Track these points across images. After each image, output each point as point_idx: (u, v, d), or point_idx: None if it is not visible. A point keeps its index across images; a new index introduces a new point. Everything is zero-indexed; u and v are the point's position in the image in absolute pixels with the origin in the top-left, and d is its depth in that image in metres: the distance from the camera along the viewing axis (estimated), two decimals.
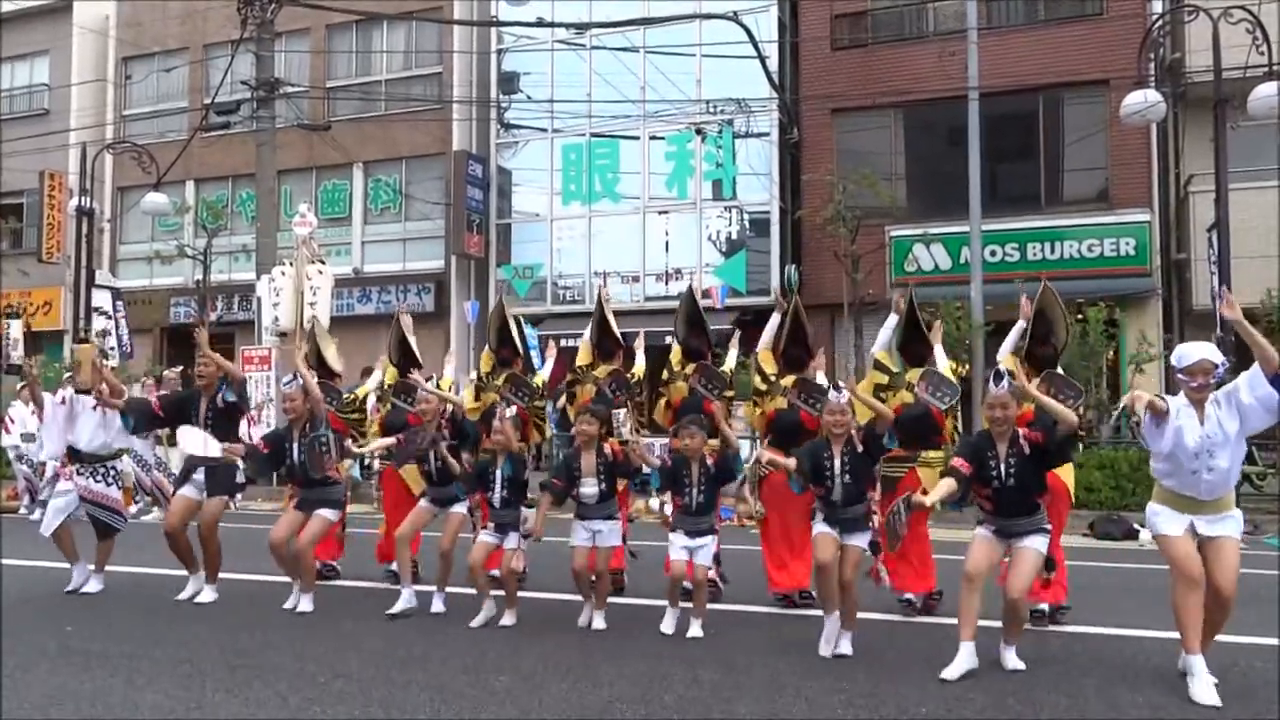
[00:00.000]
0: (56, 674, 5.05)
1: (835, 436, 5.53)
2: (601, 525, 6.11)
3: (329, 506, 6.80)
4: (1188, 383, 4.78)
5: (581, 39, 20.52)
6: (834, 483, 5.48)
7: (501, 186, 21.69)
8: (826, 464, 5.51)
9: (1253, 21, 12.58)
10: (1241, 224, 14.83)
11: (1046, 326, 6.46)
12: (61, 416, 7.53)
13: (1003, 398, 5.15)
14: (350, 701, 4.56)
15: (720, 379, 7.14)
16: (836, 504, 5.49)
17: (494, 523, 6.22)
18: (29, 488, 13.46)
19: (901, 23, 19.77)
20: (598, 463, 6.07)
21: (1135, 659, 5.30)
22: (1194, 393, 4.79)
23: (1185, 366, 4.78)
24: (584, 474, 6.07)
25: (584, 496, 6.08)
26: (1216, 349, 4.88)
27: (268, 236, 17.31)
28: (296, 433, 6.80)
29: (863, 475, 5.53)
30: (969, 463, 5.13)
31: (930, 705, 4.51)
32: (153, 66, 24.86)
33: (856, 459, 5.49)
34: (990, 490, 5.13)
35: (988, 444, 5.18)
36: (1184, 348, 4.89)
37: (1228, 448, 4.73)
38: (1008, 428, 5.14)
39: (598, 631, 5.96)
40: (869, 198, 17.40)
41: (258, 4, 16.84)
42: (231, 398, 7.20)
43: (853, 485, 5.49)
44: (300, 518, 6.76)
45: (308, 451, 6.71)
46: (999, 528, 5.15)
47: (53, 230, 23.86)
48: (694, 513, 5.98)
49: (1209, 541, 4.77)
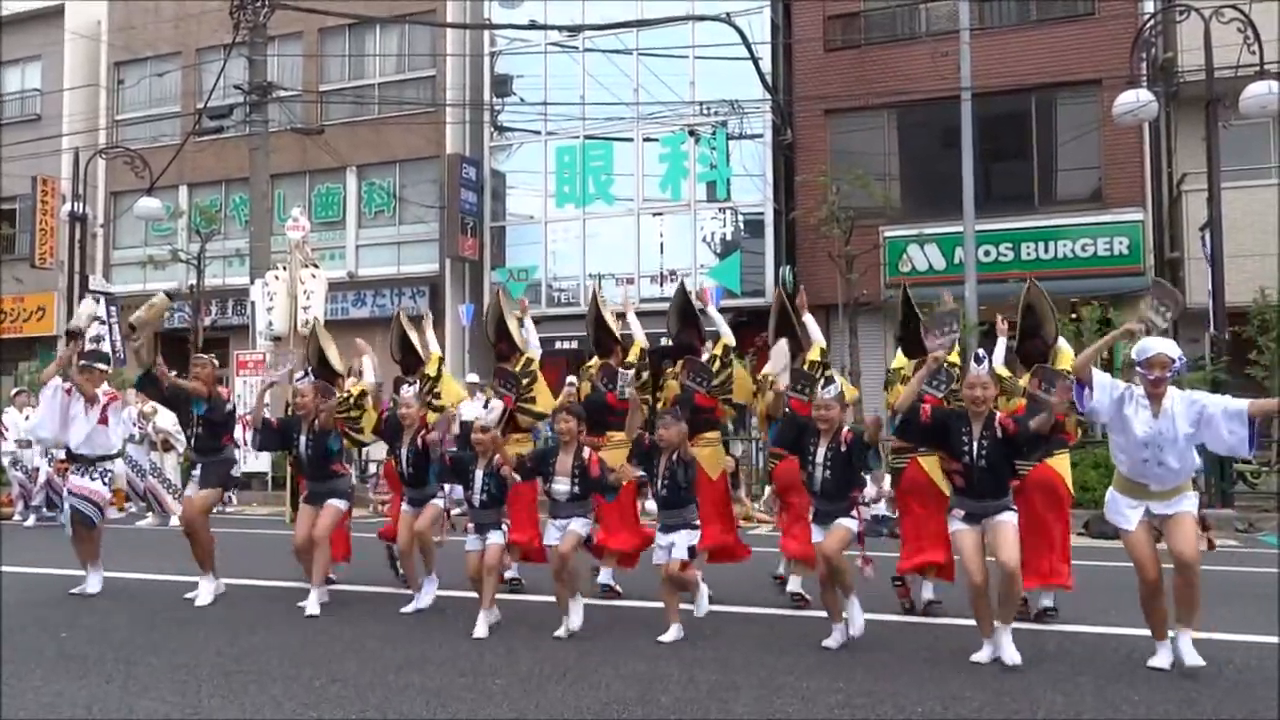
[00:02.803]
0: (52, 680, 5.03)
1: (823, 431, 5.55)
2: (573, 522, 5.99)
3: (338, 496, 6.94)
4: (1145, 375, 4.92)
5: (575, 41, 20.52)
6: (814, 470, 5.52)
7: (495, 189, 21.69)
8: (810, 448, 5.56)
9: (1244, 21, 12.63)
10: (1234, 222, 14.88)
11: (1035, 322, 6.49)
12: (60, 405, 7.49)
13: (982, 378, 5.25)
14: (347, 705, 4.55)
15: (706, 371, 7.13)
16: (816, 494, 5.56)
17: (475, 523, 6.17)
18: (23, 494, 13.43)
19: (894, 23, 19.81)
20: (574, 464, 5.99)
21: (1131, 657, 5.31)
22: (1151, 386, 4.93)
23: (1144, 359, 4.91)
24: (558, 472, 5.99)
25: (555, 493, 6.01)
26: (1175, 345, 5.02)
27: (261, 241, 17.29)
28: (305, 427, 6.86)
29: (844, 476, 5.50)
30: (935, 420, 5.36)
31: (927, 704, 4.51)
32: (145, 71, 24.82)
33: (839, 458, 5.49)
34: (961, 466, 5.24)
35: (962, 422, 5.28)
36: (1145, 341, 5.02)
37: (1177, 448, 4.88)
38: (984, 408, 5.24)
39: (594, 634, 5.92)
40: (863, 198, 17.44)
41: (250, 8, 16.80)
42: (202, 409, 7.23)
43: (832, 482, 5.49)
44: (313, 512, 6.89)
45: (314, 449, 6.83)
46: (970, 510, 5.25)
47: (46, 236, 23.82)
48: (664, 505, 5.86)
49: (1166, 519, 4.98)
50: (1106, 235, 17.57)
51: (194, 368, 7.42)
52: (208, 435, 7.22)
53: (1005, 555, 5.10)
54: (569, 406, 6.27)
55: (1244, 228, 15.75)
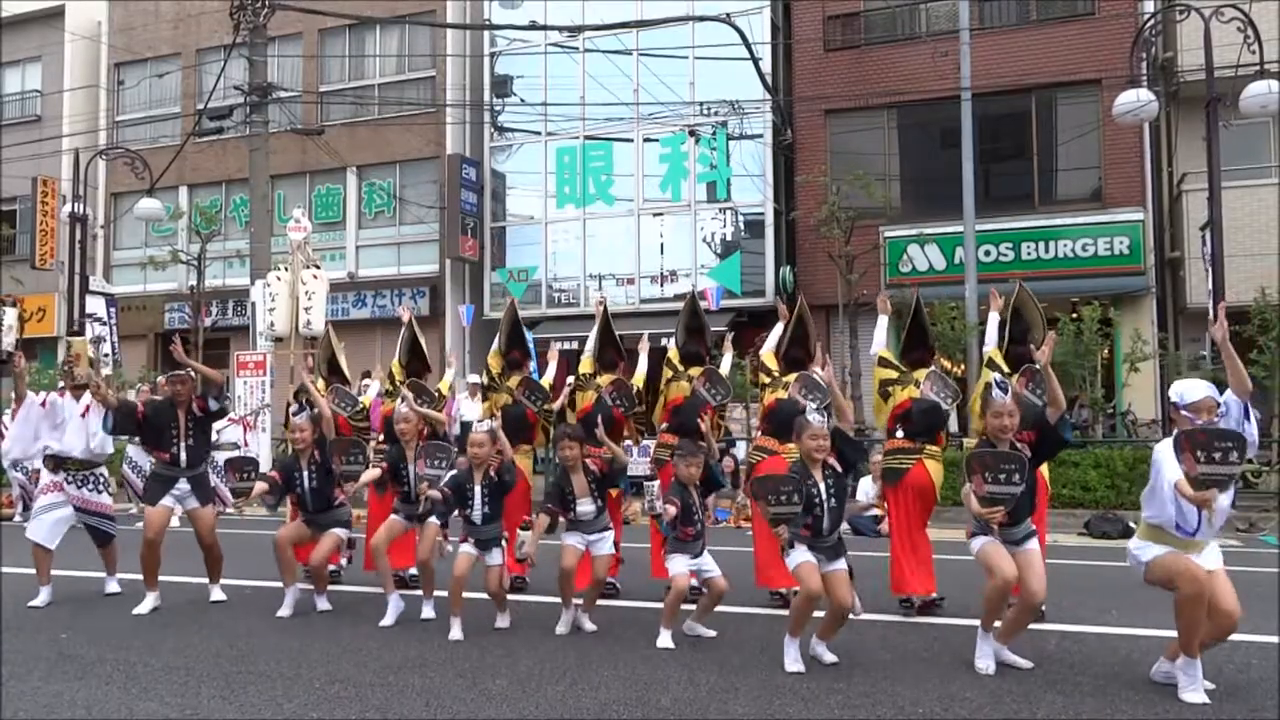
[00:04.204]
0: (52, 681, 5.03)
1: (814, 461, 5.22)
2: (596, 536, 6.07)
3: (339, 525, 6.91)
4: (1192, 419, 4.57)
5: (575, 42, 20.52)
6: (823, 510, 5.16)
7: (496, 190, 21.69)
8: (815, 494, 5.17)
9: (1244, 20, 12.62)
10: (1234, 222, 14.89)
11: (1023, 326, 6.50)
12: (36, 418, 7.43)
13: (1009, 406, 5.05)
14: (346, 706, 4.55)
15: (725, 384, 7.18)
16: (824, 533, 5.18)
17: (474, 539, 6.06)
18: (24, 495, 13.41)
19: (894, 23, 19.80)
20: (588, 480, 6.04)
21: (1131, 657, 5.30)
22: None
23: (1190, 404, 4.62)
24: (578, 494, 6.02)
25: (581, 515, 6.04)
26: (1212, 386, 4.73)
27: (261, 242, 17.30)
28: (305, 462, 6.82)
29: (844, 495, 5.29)
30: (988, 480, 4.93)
31: (927, 704, 4.50)
32: (145, 72, 24.84)
33: (838, 479, 5.26)
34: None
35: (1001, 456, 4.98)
36: (1184, 386, 4.73)
37: (1228, 495, 4.49)
38: (1009, 437, 5.04)
39: (593, 634, 5.94)
40: (863, 199, 17.44)
41: (250, 9, 16.81)
42: (214, 406, 7.21)
43: (837, 509, 5.23)
44: (308, 531, 6.88)
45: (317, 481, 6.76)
46: (1005, 537, 5.05)
47: (46, 237, 23.81)
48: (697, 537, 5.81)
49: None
50: (1107, 235, 17.56)
51: (174, 384, 7.15)
52: (204, 429, 7.22)
53: (1035, 585, 4.96)
54: (569, 431, 6.23)
55: (1244, 227, 15.76)
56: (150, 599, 6.93)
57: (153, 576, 7.02)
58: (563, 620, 6.04)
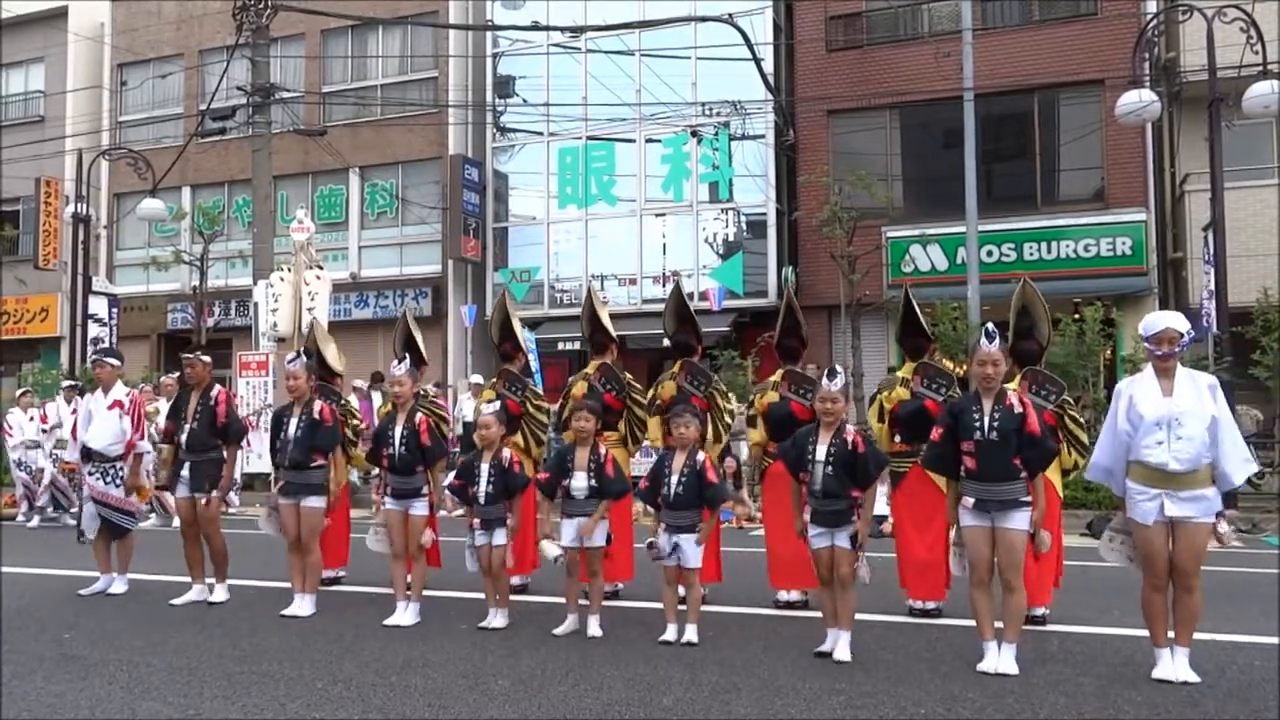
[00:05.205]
0: (55, 681, 5.04)
1: (826, 424, 5.40)
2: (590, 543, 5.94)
3: (313, 494, 6.70)
4: (1153, 350, 4.82)
5: (577, 42, 20.53)
6: (814, 470, 5.35)
7: (498, 190, 21.71)
8: (810, 450, 5.38)
9: (1246, 20, 12.61)
10: (1237, 222, 14.87)
11: (1029, 323, 6.46)
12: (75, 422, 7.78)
13: (993, 354, 5.10)
14: (349, 707, 4.56)
15: (705, 375, 7.15)
16: (817, 494, 5.34)
17: (480, 519, 6.13)
18: (27, 495, 13.44)
19: (896, 24, 19.81)
20: (590, 459, 5.98)
21: (1134, 657, 5.30)
22: (1159, 361, 4.84)
23: (1152, 334, 4.81)
24: (576, 467, 5.98)
25: (574, 489, 5.96)
26: (1183, 317, 4.90)
27: (264, 242, 17.30)
28: (298, 409, 6.76)
29: (847, 472, 5.31)
30: (945, 425, 5.20)
31: (929, 705, 4.50)
32: (148, 72, 24.88)
33: (844, 453, 5.31)
34: (972, 444, 5.06)
35: (972, 401, 5.17)
36: (1150, 316, 4.94)
37: (1198, 418, 4.70)
38: (995, 385, 5.10)
39: (595, 635, 5.93)
40: (865, 199, 17.45)
41: (252, 9, 16.82)
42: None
43: (834, 479, 5.30)
44: (293, 511, 6.70)
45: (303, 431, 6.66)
46: (979, 496, 5.03)
47: (49, 237, 23.85)
48: (674, 506, 5.75)
49: (1177, 523, 4.76)
50: (1109, 235, 17.55)
51: (186, 367, 7.38)
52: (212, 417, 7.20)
53: (1008, 575, 5.01)
54: (587, 405, 6.19)
55: (1247, 228, 15.75)
56: (193, 591, 7.04)
57: (197, 569, 7.11)
58: (566, 623, 6.00)
